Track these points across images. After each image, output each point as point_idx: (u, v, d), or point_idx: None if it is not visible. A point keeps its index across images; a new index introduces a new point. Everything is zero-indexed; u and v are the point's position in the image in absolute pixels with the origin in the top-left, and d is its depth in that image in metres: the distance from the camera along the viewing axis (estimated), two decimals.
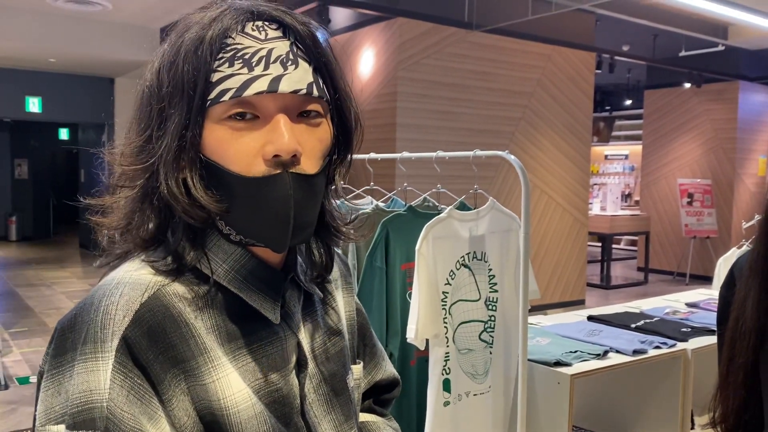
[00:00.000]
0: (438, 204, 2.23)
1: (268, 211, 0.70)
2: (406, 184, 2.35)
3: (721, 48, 7.84)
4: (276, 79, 0.68)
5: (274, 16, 0.72)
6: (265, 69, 0.68)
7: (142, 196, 0.72)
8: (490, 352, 2.07)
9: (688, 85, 9.31)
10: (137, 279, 0.70)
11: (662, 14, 6.88)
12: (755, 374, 1.23)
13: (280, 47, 0.70)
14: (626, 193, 12.75)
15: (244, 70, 0.68)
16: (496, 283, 2.08)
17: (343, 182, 0.82)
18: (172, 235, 0.74)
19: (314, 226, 0.75)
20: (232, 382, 0.71)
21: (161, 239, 0.74)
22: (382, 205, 2.24)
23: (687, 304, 2.89)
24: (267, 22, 0.72)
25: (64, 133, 13.76)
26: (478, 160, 2.13)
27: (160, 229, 0.74)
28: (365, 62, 6.21)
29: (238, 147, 0.69)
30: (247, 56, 0.69)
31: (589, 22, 7.14)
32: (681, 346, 2.22)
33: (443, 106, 6.14)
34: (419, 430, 2.02)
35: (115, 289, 0.68)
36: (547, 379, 1.98)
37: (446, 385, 1.95)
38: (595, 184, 12.15)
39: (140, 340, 0.66)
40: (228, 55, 0.69)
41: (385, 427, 0.98)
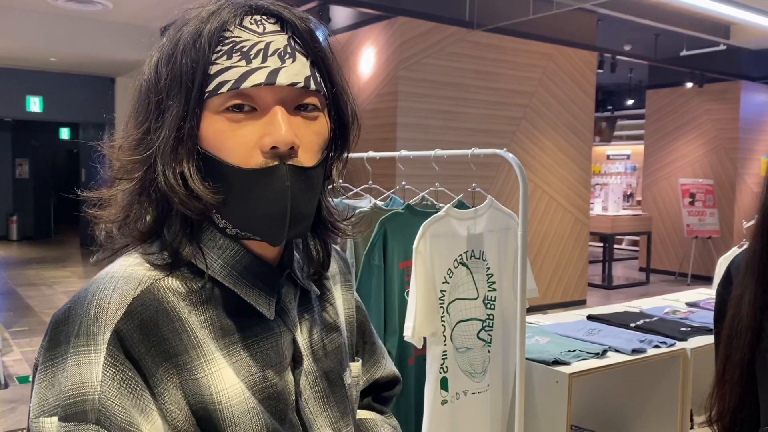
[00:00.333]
0: (436, 202, 2.23)
1: (265, 203, 0.70)
2: (404, 183, 2.35)
3: (723, 48, 7.83)
4: (274, 72, 0.69)
5: (272, 10, 0.73)
6: (263, 62, 0.69)
7: (140, 189, 0.73)
8: (489, 351, 2.07)
9: (690, 85, 9.30)
10: (131, 273, 0.70)
11: (664, 14, 6.87)
12: (751, 372, 1.22)
13: (278, 41, 0.71)
14: (628, 193, 12.73)
15: (242, 63, 0.69)
16: (494, 282, 2.08)
17: (341, 180, 0.82)
18: (168, 230, 0.74)
19: (311, 219, 0.75)
20: (225, 377, 0.71)
21: (158, 233, 0.74)
22: (380, 203, 2.24)
23: (687, 304, 2.88)
24: (265, 16, 0.72)
25: (65, 133, 13.78)
26: (479, 160, 2.13)
27: (158, 221, 0.74)
28: (366, 61, 6.21)
29: (236, 139, 0.69)
30: (245, 49, 0.69)
31: (590, 22, 7.13)
32: (680, 345, 2.22)
33: (444, 106, 6.14)
34: (417, 429, 2.02)
35: (109, 282, 0.69)
36: (546, 378, 1.98)
37: (444, 384, 1.95)
38: (597, 184, 12.14)
39: (132, 334, 0.66)
40: (226, 48, 0.69)
41: (383, 424, 0.97)
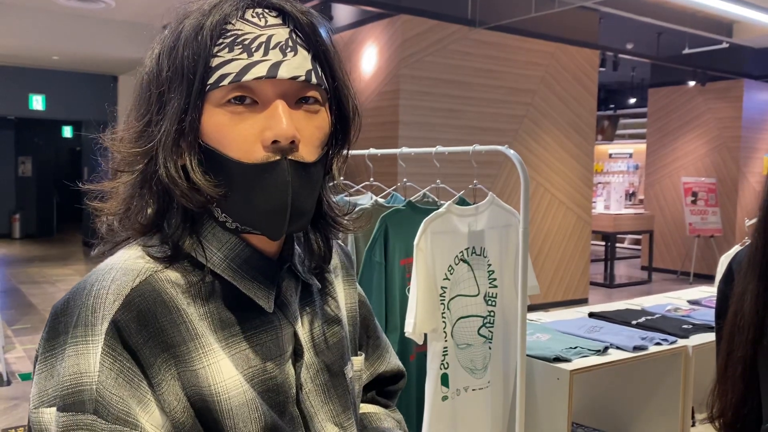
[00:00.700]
0: (438, 199, 2.23)
1: (266, 197, 0.70)
2: (405, 180, 2.35)
3: (725, 46, 7.81)
4: (275, 65, 0.69)
5: (274, 3, 0.73)
6: (265, 55, 0.69)
7: (141, 181, 0.73)
8: (489, 348, 2.07)
9: (692, 84, 9.28)
10: (130, 265, 0.70)
11: (666, 12, 6.85)
12: (754, 368, 1.22)
13: (280, 34, 0.71)
14: (630, 192, 12.71)
15: (244, 56, 0.69)
16: (495, 279, 2.07)
17: (342, 177, 0.82)
18: (169, 223, 0.74)
19: (311, 214, 0.75)
20: (224, 369, 0.71)
21: (159, 226, 0.74)
22: (381, 200, 2.24)
23: (689, 302, 2.88)
24: (267, 9, 0.72)
25: (67, 131, 13.79)
26: (481, 158, 2.13)
27: (159, 214, 0.74)
28: (368, 59, 6.21)
29: (237, 133, 0.69)
30: (246, 42, 0.69)
31: (592, 20, 7.12)
32: (682, 342, 2.21)
33: (446, 104, 6.13)
34: (418, 425, 2.02)
35: (108, 274, 0.69)
36: (547, 375, 1.98)
37: (444, 380, 1.94)
38: (599, 183, 12.12)
39: (130, 324, 0.66)
40: (228, 41, 0.69)
41: (387, 418, 0.97)
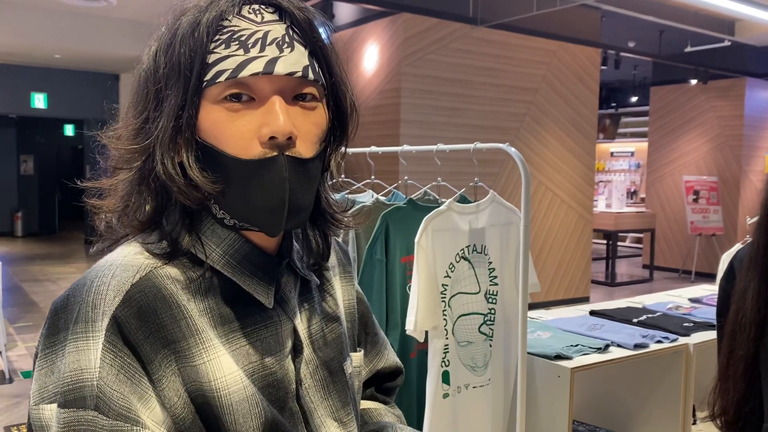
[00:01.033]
0: (438, 197, 2.23)
1: (263, 194, 0.70)
2: (406, 178, 2.34)
3: (727, 44, 7.79)
4: (272, 61, 0.69)
5: None
6: (261, 51, 0.69)
7: (139, 178, 0.73)
8: (490, 345, 2.07)
9: (694, 82, 9.26)
10: (130, 261, 0.71)
11: (668, 10, 6.84)
12: (755, 366, 1.22)
13: (277, 30, 0.71)
14: (632, 190, 12.70)
15: (240, 52, 0.69)
16: (496, 276, 2.07)
17: (343, 175, 0.82)
18: (167, 220, 0.74)
19: (309, 211, 0.75)
20: (224, 364, 0.71)
21: (158, 222, 0.74)
22: (382, 198, 2.24)
23: (690, 300, 2.88)
24: (263, 6, 0.72)
25: (69, 129, 13.81)
26: (482, 156, 2.13)
27: (157, 211, 0.74)
28: (369, 58, 6.20)
29: (234, 129, 0.69)
30: (243, 38, 0.69)
31: (594, 18, 7.11)
32: (683, 340, 2.21)
33: (447, 103, 6.13)
34: (419, 423, 2.02)
35: (108, 270, 0.69)
36: (548, 373, 1.97)
37: (445, 377, 1.94)
38: (601, 181, 12.12)
39: (130, 320, 0.66)
40: (224, 37, 0.69)
41: (387, 413, 0.97)
